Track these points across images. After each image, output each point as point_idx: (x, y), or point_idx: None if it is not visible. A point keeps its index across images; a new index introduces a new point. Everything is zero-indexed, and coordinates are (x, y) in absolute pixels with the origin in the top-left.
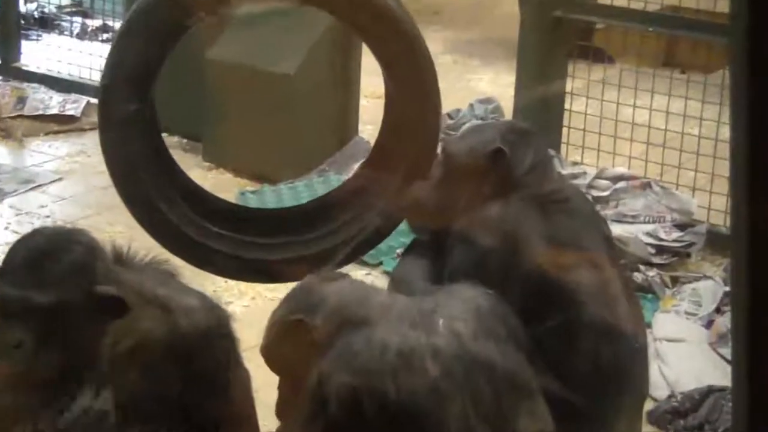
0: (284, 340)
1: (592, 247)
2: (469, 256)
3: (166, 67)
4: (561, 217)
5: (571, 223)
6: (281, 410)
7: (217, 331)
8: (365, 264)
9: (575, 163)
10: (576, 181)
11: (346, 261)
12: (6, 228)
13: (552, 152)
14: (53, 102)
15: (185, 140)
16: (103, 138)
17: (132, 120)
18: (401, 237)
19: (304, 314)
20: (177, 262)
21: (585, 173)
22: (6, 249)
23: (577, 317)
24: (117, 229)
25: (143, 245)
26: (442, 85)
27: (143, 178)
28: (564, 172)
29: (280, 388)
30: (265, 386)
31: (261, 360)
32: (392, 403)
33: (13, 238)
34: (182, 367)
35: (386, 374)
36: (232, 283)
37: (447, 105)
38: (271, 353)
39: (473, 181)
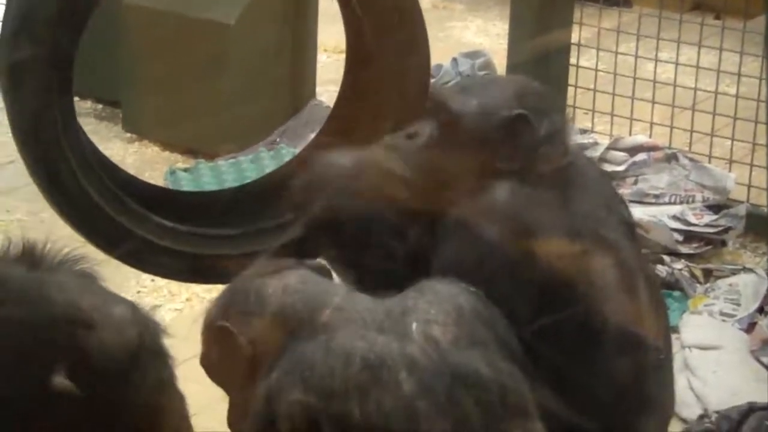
0: (215, 350)
1: (610, 235)
2: (467, 252)
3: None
4: (579, 199)
5: (590, 206)
6: (232, 423)
7: (151, 349)
8: None
9: (584, 131)
10: (585, 153)
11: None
12: None
13: None
14: None
15: (100, 106)
16: (12, 104)
17: (49, 80)
18: None
19: (236, 319)
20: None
21: (596, 143)
22: None
23: (584, 320)
24: (16, 216)
25: (48, 237)
26: None
27: (65, 154)
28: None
29: (230, 400)
30: (206, 409)
31: (198, 376)
32: (358, 427)
33: None
34: (109, 393)
35: (350, 391)
36: (160, 281)
37: None
38: (206, 363)
39: (480, 152)
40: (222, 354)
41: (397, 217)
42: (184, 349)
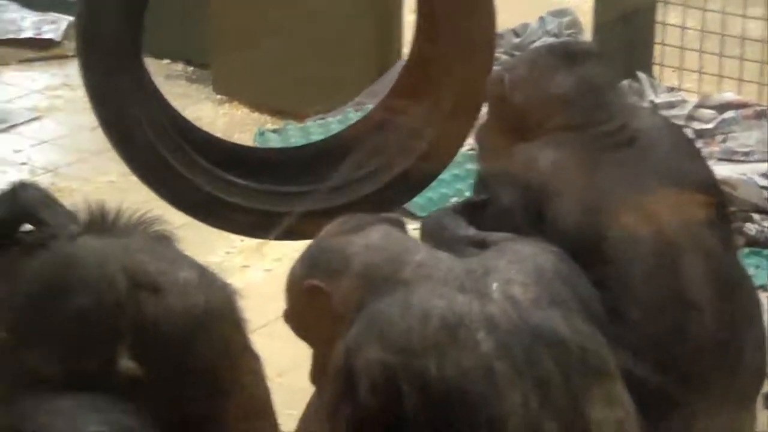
0: (302, 307)
1: (661, 195)
2: (491, 206)
3: None
4: (614, 160)
5: (629, 167)
6: (315, 378)
7: (218, 313)
8: (413, 216)
9: (671, 89)
10: (673, 111)
11: (381, 209)
12: None
13: (641, 76)
14: (27, 23)
15: (191, 68)
16: (84, 64)
17: (118, 41)
18: (457, 184)
19: (321, 278)
20: (176, 219)
21: (683, 101)
22: None
23: (650, 281)
24: (108, 178)
25: (138, 198)
26: None
27: (135, 112)
28: (657, 100)
29: (313, 354)
30: (293, 367)
31: (286, 335)
32: (435, 386)
33: None
34: (175, 359)
35: (428, 349)
36: (250, 242)
37: (513, 18)
38: (291, 320)
39: (493, 115)
40: (309, 311)
41: None
42: (274, 308)
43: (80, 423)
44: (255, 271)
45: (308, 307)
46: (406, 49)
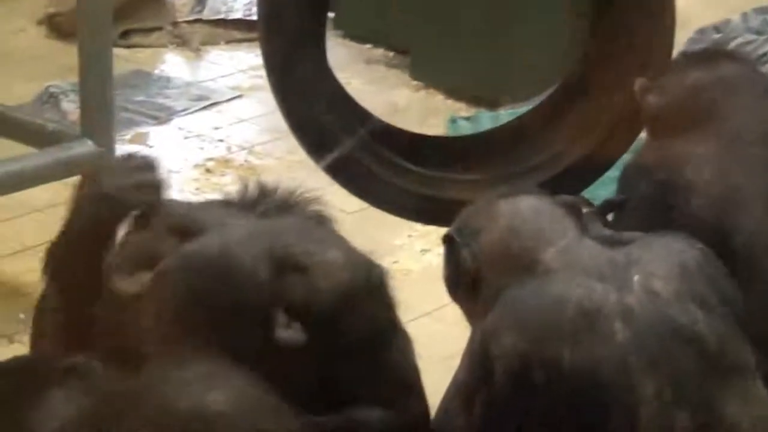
0: (445, 263)
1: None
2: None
3: None
4: (750, 156)
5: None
6: None
7: (364, 292)
8: None
9: None
10: None
11: None
12: (173, 152)
13: None
14: (238, 4)
15: (392, 53)
16: (266, 50)
17: (300, 28)
18: None
19: (463, 235)
20: (359, 202)
21: None
22: (174, 175)
23: None
24: (295, 157)
25: (324, 178)
26: None
27: (314, 99)
28: None
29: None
30: (460, 352)
31: (458, 319)
32: (568, 374)
33: (180, 165)
34: (321, 337)
35: (563, 338)
36: (432, 227)
37: (717, 14)
38: (445, 280)
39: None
40: (450, 267)
41: None
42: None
43: (201, 391)
44: (434, 255)
45: (449, 262)
46: None
